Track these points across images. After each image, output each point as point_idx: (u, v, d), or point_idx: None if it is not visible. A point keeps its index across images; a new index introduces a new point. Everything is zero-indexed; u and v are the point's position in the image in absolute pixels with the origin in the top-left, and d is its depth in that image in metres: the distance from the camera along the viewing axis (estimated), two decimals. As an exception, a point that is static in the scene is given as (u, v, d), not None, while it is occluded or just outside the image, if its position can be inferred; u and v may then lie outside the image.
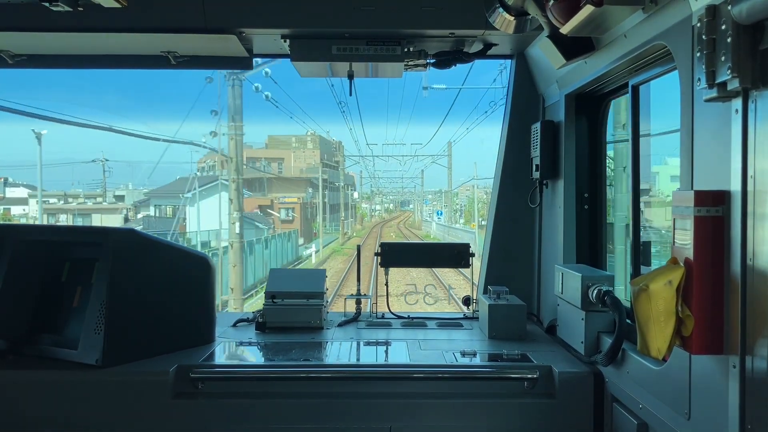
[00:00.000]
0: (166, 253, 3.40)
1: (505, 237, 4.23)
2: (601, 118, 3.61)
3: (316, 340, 3.59)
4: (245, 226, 42.18)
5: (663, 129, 3.27)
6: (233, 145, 20.43)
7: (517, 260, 4.21)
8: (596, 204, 3.67)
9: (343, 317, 4.11)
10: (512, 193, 4.20)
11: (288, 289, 3.89)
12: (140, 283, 3.24)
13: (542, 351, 3.32)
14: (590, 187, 3.66)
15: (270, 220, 50.63)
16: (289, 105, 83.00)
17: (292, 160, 68.16)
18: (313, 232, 67.04)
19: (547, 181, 3.91)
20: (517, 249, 4.21)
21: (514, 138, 4.16)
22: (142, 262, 3.25)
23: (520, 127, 4.12)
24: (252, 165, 64.48)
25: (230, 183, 20.27)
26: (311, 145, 72.19)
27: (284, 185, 63.09)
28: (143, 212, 49.19)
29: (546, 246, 4.00)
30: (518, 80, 4.09)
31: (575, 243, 3.62)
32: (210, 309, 3.55)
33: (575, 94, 3.57)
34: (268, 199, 61.46)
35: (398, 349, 3.42)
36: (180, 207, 40.76)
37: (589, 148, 3.66)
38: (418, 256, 4.25)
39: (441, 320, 4.10)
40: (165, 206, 49.98)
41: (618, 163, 3.67)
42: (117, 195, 56.30)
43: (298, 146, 70.52)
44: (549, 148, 3.75)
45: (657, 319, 2.12)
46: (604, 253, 3.64)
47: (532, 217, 4.18)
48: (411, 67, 3.70)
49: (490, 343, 3.55)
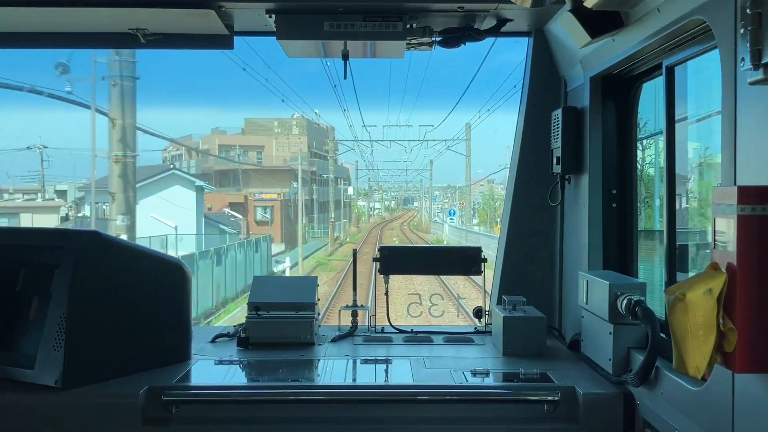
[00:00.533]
0: (136, 259, 3.58)
1: (522, 240, 4.41)
2: (632, 103, 3.77)
3: (306, 358, 3.76)
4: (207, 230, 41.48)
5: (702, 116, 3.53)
6: (116, 96, 16.66)
7: (536, 266, 4.38)
8: (626, 202, 3.84)
9: (337, 331, 4.29)
10: (530, 189, 4.37)
11: (274, 299, 4.07)
12: (106, 292, 3.40)
13: (564, 369, 3.49)
14: (619, 182, 3.83)
15: (238, 222, 49.25)
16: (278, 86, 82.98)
17: (273, 148, 67.95)
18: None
19: (570, 176, 4.08)
20: (535, 253, 4.38)
21: (531, 127, 4.33)
22: (107, 268, 3.42)
23: (538, 114, 4.29)
24: (226, 154, 64.16)
25: (113, 168, 17.12)
26: (297, 130, 71.76)
27: (264, 178, 62.50)
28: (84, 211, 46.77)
29: (568, 250, 4.18)
30: (536, 61, 4.25)
31: (602, 246, 3.79)
32: (185, 322, 3.72)
33: (602, 76, 3.73)
34: (241, 196, 60.33)
35: (400, 368, 3.59)
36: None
37: (618, 138, 3.82)
38: (422, 261, 4.46)
39: (449, 335, 4.28)
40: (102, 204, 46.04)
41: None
42: (59, 190, 55.45)
43: (281, 131, 70.05)
44: (572, 138, 3.92)
45: (695, 333, 2.20)
46: (635, 258, 3.81)
47: (553, 217, 4.35)
48: (414, 46, 3.87)
49: (504, 360, 3.73)
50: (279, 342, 3.99)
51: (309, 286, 4.20)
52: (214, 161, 66.13)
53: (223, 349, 3.94)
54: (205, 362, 3.70)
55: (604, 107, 3.81)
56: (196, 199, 41.63)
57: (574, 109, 3.97)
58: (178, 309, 3.71)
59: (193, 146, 65.98)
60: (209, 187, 46.48)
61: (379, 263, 4.37)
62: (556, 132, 4.04)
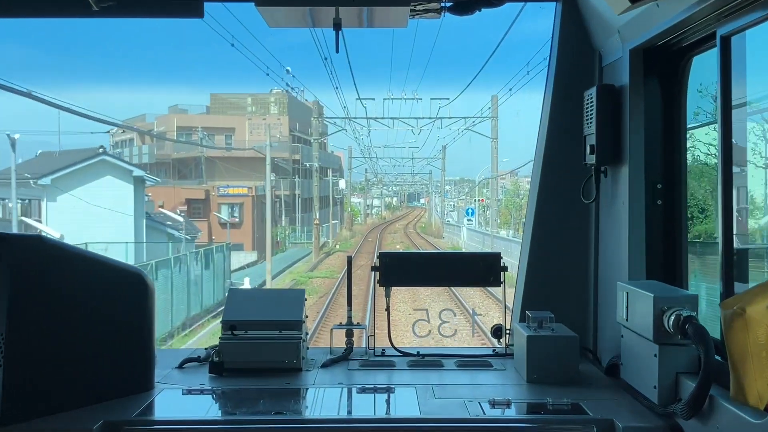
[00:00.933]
0: (88, 268, 3.60)
1: (549, 244, 4.44)
2: (680, 80, 3.80)
3: (292, 387, 3.80)
4: (149, 235, 38.82)
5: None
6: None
7: (566, 276, 4.42)
8: (673, 198, 3.87)
9: (329, 355, 4.33)
10: (558, 184, 4.40)
11: (254, 316, 4.10)
12: (52, 309, 3.42)
13: (601, 399, 3.54)
14: (665, 174, 3.87)
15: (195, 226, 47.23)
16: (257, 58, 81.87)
17: (246, 130, 66.96)
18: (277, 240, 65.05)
19: (607, 168, 4.11)
20: (565, 261, 4.42)
21: (560, 109, 4.35)
22: (53, 280, 3.44)
23: (568, 94, 4.32)
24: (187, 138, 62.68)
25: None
26: (276, 108, 70.97)
27: (234, 168, 61.01)
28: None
29: (605, 256, 4.21)
30: (566, 31, 4.29)
31: (645, 252, 3.83)
32: (147, 344, 3.75)
33: (643, 48, 3.77)
34: (201, 191, 58.72)
35: (404, 398, 3.63)
36: (30, 202, 36.23)
37: (664, 122, 3.86)
38: (429, 270, 4.47)
39: (462, 358, 4.31)
40: (7, 201, 38.83)
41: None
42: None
43: (256, 110, 68.86)
44: (608, 123, 3.95)
45: (757, 355, 2.28)
46: (684, 266, 3.84)
47: (586, 218, 4.38)
48: (420, 13, 3.90)
49: (529, 388, 3.77)
50: (259, 367, 4.01)
51: (295, 301, 4.23)
52: (171, 147, 65.51)
53: (193, 376, 3.97)
54: (171, 392, 3.73)
55: (646, 85, 3.85)
56: (135, 194, 39.17)
57: (611, 87, 4.00)
58: (139, 328, 3.74)
59: (145, 128, 65.06)
60: (152, 178, 44.28)
61: (379, 273, 4.40)
62: (589, 115, 4.07)
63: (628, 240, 3.85)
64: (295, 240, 65.59)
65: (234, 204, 59.39)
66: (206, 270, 32.05)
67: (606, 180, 4.17)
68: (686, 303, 3.19)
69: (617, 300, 3.63)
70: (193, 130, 64.45)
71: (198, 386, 3.80)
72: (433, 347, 4.58)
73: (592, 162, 4.08)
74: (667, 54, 3.77)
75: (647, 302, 3.26)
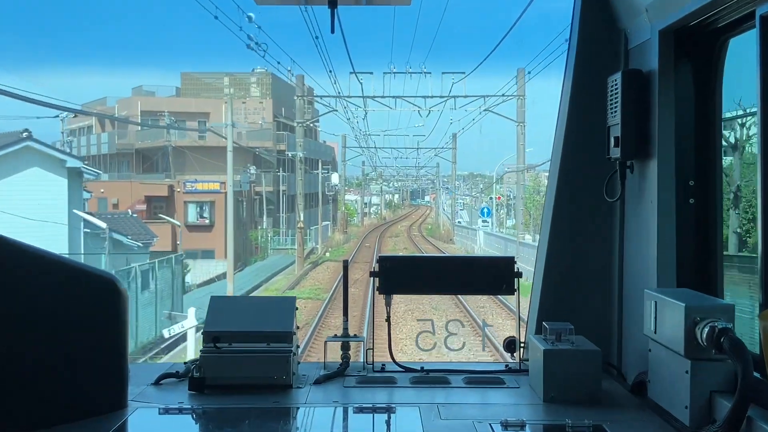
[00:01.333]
0: (50, 273, 3.69)
1: (569, 248, 4.56)
2: (714, 65, 3.92)
3: (281, 406, 3.94)
4: (88, 243, 33.73)
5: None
6: None
7: (587, 283, 4.54)
8: (707, 196, 3.99)
9: (322, 370, 4.46)
10: (579, 181, 4.52)
11: (239, 327, 4.21)
12: (9, 319, 3.53)
13: (626, 421, 3.68)
14: (698, 170, 3.98)
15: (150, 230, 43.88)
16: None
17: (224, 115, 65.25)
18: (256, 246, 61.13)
19: (633, 163, 4.23)
20: (586, 266, 4.54)
21: (581, 97, 4.45)
22: (9, 286, 3.55)
23: (591, 80, 4.42)
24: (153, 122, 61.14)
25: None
26: (258, 90, 69.41)
27: (207, 160, 59.71)
28: None
29: (631, 261, 4.32)
30: (588, 10, 4.39)
31: (675, 256, 3.96)
32: (120, 358, 3.85)
33: (674, 29, 3.88)
34: (164, 186, 56.71)
35: (406, 419, 3.75)
36: None
37: (697, 112, 3.98)
38: (435, 276, 4.59)
39: (471, 374, 4.45)
40: None
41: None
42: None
43: (235, 93, 66.70)
44: (635, 112, 4.06)
45: None
46: (719, 272, 3.95)
47: (610, 218, 4.50)
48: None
49: (546, 409, 3.90)
50: (244, 384, 4.13)
51: (285, 310, 4.34)
52: (135, 135, 64.63)
53: (170, 394, 4.09)
54: (147, 411, 3.85)
55: (677, 70, 3.97)
56: (69, 191, 36.17)
57: (638, 72, 4.12)
58: (111, 340, 3.84)
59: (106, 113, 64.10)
60: (91, 170, 41.47)
61: (378, 279, 4.52)
62: (614, 103, 4.18)
63: (656, 243, 3.95)
64: (278, 245, 63.88)
65: (203, 202, 57.80)
66: (146, 291, 29.08)
67: (632, 176, 4.27)
68: (722, 313, 3.29)
69: (644, 310, 3.75)
70: (159, 115, 63.07)
71: (176, 405, 3.89)
72: (439, 362, 4.70)
73: (617, 156, 4.19)
74: (701, 35, 3.88)
75: (678, 312, 3.36)
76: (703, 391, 3.36)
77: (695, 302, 3.39)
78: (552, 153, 4.69)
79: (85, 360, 3.72)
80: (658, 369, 3.71)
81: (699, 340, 3.31)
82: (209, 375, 4.13)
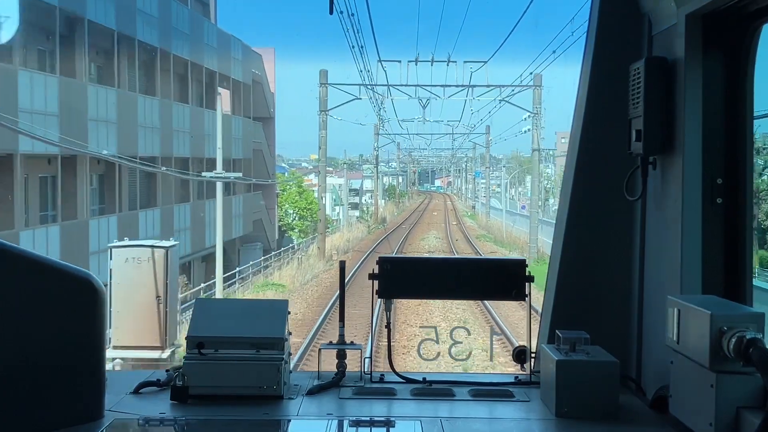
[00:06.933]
0: (21, 268, 3.59)
1: (585, 250, 4.46)
2: (746, 53, 3.81)
3: (270, 418, 3.84)
4: None
5: None
6: None
7: (604, 289, 4.44)
8: (736, 196, 3.89)
9: (316, 380, 4.37)
10: (597, 178, 4.42)
11: (225, 332, 4.12)
12: None
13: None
14: (727, 168, 3.88)
15: None
16: None
17: None
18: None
19: (656, 159, 4.12)
20: (603, 270, 4.43)
21: (601, 87, 4.36)
22: None
23: (611, 68, 4.33)
24: None
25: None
26: None
27: None
28: None
29: (652, 265, 4.22)
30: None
31: (701, 260, 3.84)
32: (96, 364, 3.75)
33: (703, 13, 3.76)
34: None
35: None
36: None
37: (726, 104, 3.87)
38: (439, 279, 4.48)
39: (478, 386, 4.33)
40: None
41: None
42: None
43: None
44: (659, 104, 3.96)
45: None
46: (747, 277, 3.86)
47: (630, 218, 4.40)
48: None
49: (559, 424, 3.80)
50: (231, 394, 4.03)
51: (276, 314, 4.25)
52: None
53: (151, 404, 3.99)
54: (125, 422, 3.75)
55: (705, 58, 3.86)
56: None
57: (663, 60, 4.02)
58: (87, 344, 3.74)
59: None
60: None
61: (378, 282, 4.42)
62: (636, 94, 4.09)
63: (680, 245, 3.86)
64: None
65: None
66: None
67: (655, 173, 4.18)
68: (750, 322, 3.19)
69: (666, 318, 3.64)
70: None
71: (157, 415, 3.82)
72: (443, 373, 4.61)
73: (639, 151, 4.10)
74: (731, 21, 3.79)
75: (703, 321, 3.26)
76: (729, 407, 3.24)
77: (722, 310, 3.26)
78: (568, 147, 4.60)
79: (58, 366, 3.63)
80: (680, 382, 3.57)
81: (725, 351, 3.19)
82: (193, 384, 4.02)
